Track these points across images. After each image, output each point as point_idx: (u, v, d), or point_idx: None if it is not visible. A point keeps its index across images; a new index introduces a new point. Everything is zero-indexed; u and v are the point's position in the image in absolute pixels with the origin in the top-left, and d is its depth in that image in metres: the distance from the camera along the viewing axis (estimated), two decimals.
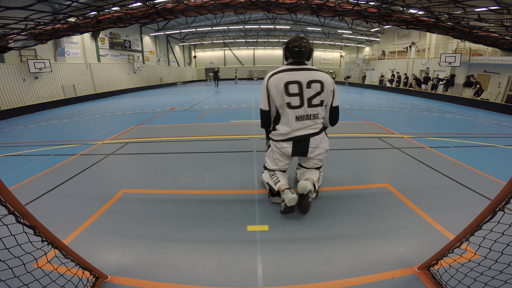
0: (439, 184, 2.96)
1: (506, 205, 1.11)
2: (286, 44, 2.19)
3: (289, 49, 2.15)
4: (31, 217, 1.12)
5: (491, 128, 6.43)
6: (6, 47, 1.15)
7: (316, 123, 2.24)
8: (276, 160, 2.41)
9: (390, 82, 18.01)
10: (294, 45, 2.12)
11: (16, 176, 3.33)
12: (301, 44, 2.11)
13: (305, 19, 21.00)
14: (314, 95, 2.12)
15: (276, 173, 2.42)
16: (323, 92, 2.13)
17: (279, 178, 2.36)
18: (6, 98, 9.87)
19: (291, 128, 2.20)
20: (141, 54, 20.58)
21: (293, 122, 2.18)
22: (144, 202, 2.63)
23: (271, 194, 2.51)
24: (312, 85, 2.10)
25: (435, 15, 1.11)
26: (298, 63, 2.16)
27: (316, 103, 2.15)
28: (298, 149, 2.29)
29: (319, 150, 2.33)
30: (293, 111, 2.14)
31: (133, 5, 1.17)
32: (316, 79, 2.11)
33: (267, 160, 2.49)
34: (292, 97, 2.11)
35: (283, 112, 2.19)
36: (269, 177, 2.43)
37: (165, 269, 1.71)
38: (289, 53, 2.16)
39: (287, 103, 2.12)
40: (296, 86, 2.09)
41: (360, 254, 1.83)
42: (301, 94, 2.10)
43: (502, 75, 11.02)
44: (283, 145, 2.29)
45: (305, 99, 2.12)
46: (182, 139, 5.06)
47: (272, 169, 2.45)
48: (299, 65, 2.15)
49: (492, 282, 1.31)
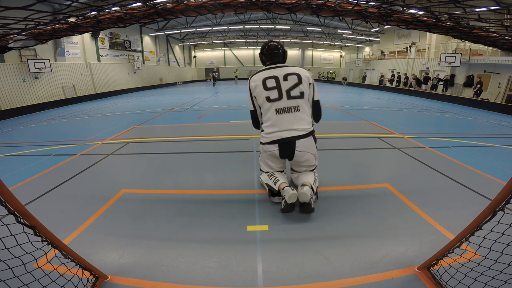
0: (439, 184, 2.96)
1: (506, 205, 1.10)
2: (261, 49, 2.33)
3: (264, 53, 2.30)
4: (31, 217, 1.12)
5: (491, 128, 6.43)
6: (6, 47, 1.15)
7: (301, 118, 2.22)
8: (269, 164, 2.44)
9: (390, 82, 18.02)
10: (268, 49, 2.27)
11: (16, 176, 3.33)
12: (274, 47, 2.27)
13: (305, 19, 21.00)
14: (292, 87, 2.18)
15: (275, 173, 2.43)
16: (301, 83, 2.18)
17: (278, 177, 2.36)
18: (6, 98, 9.87)
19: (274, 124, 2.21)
20: (141, 54, 20.59)
21: (274, 116, 2.20)
22: (144, 202, 2.63)
23: (271, 194, 2.51)
24: (289, 77, 2.17)
25: (435, 15, 1.11)
26: (274, 63, 2.28)
27: (296, 95, 2.18)
28: (285, 152, 2.28)
29: (308, 155, 2.31)
30: (273, 104, 2.19)
31: (133, 5, 1.17)
32: (292, 72, 2.19)
33: (261, 164, 2.53)
34: (270, 91, 2.17)
35: (264, 108, 2.24)
36: (268, 177, 2.44)
37: (165, 269, 1.71)
38: (265, 57, 2.31)
39: (266, 97, 2.18)
40: (273, 80, 2.18)
41: (360, 254, 1.83)
42: (279, 86, 2.17)
43: (502, 75, 11.02)
44: (269, 148, 2.30)
45: (283, 91, 2.17)
46: (182, 139, 5.06)
47: (268, 171, 2.48)
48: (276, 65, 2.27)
49: (492, 282, 1.31)
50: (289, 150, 2.26)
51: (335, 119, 7.09)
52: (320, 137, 5.05)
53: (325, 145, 4.47)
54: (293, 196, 2.13)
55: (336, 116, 7.63)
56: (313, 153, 2.36)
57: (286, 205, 2.18)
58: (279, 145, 2.24)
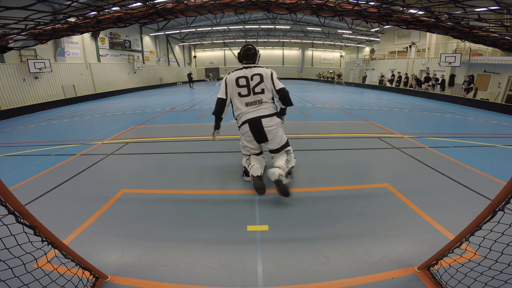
0: (439, 184, 2.96)
1: (506, 205, 1.10)
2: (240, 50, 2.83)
3: (240, 53, 2.82)
4: (31, 217, 1.12)
5: (491, 128, 6.43)
6: (6, 47, 1.15)
7: (265, 107, 2.72)
8: (246, 147, 2.89)
9: (390, 82, 18.01)
10: (243, 50, 2.79)
11: (16, 176, 3.33)
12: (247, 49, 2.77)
13: (305, 19, 21.00)
14: (256, 85, 2.67)
15: (250, 157, 2.90)
16: (262, 82, 2.67)
17: (251, 160, 2.86)
18: (6, 98, 9.86)
19: (243, 112, 2.73)
20: (141, 54, 20.58)
21: (244, 107, 2.73)
22: (144, 202, 2.63)
23: (245, 174, 3.05)
24: (254, 77, 2.67)
25: (435, 15, 1.11)
26: (248, 63, 2.75)
27: (258, 91, 2.69)
28: (256, 131, 2.72)
29: (272, 128, 2.73)
30: (243, 99, 2.71)
31: (133, 5, 1.17)
32: (256, 73, 2.68)
33: (242, 148, 2.98)
34: (241, 88, 2.69)
35: (236, 101, 2.74)
36: (245, 161, 2.94)
37: (165, 269, 1.71)
38: (241, 56, 2.81)
39: (238, 92, 2.70)
40: (244, 79, 2.68)
41: (360, 254, 1.83)
42: (248, 85, 2.68)
43: (502, 75, 11.01)
44: (244, 129, 2.76)
45: (251, 88, 2.68)
46: (182, 139, 5.06)
47: (247, 154, 2.93)
48: (248, 65, 2.73)
49: (492, 282, 1.31)
50: (258, 128, 2.70)
51: (335, 119, 7.09)
52: (320, 137, 5.09)
53: (325, 145, 4.48)
54: (255, 169, 2.66)
55: (336, 116, 7.63)
56: (278, 132, 2.77)
57: (253, 179, 2.66)
58: (249, 123, 2.70)
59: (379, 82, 19.04)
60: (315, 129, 5.65)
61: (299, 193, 2.73)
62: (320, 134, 5.27)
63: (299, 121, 6.59)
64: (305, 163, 3.57)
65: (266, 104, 2.74)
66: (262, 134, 2.73)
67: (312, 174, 3.22)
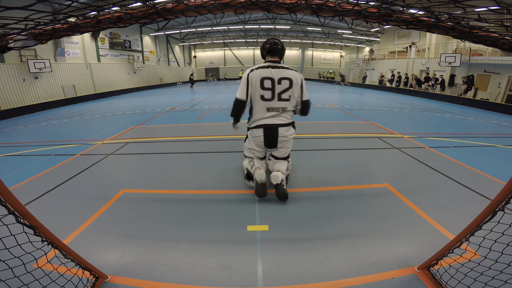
0: (439, 184, 2.96)
1: (506, 205, 1.10)
2: (263, 44, 2.56)
3: (265, 48, 2.52)
4: (31, 217, 1.12)
5: (491, 128, 6.43)
6: (6, 47, 1.15)
7: (285, 116, 2.52)
8: (252, 150, 2.72)
9: (390, 82, 18.01)
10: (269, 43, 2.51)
11: (16, 176, 3.33)
12: (274, 42, 2.51)
13: (305, 19, 21.00)
14: (283, 91, 2.43)
15: (254, 160, 2.75)
16: (291, 88, 2.44)
17: (255, 163, 2.70)
18: (6, 98, 9.86)
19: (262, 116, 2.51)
20: (141, 54, 20.58)
21: (265, 113, 2.49)
22: (144, 202, 2.63)
23: (247, 178, 2.87)
24: (282, 81, 2.41)
25: (435, 15, 1.11)
26: (273, 61, 2.49)
27: (285, 98, 2.45)
28: (269, 138, 2.56)
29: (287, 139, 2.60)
30: (265, 103, 2.45)
31: (133, 5, 1.17)
32: (286, 76, 2.42)
33: (244, 150, 2.86)
34: (266, 91, 2.42)
35: (257, 103, 2.49)
36: (248, 163, 2.80)
37: (165, 269, 1.71)
38: (265, 51, 2.53)
39: (261, 95, 2.43)
40: (270, 81, 2.40)
41: (360, 254, 1.83)
42: (273, 89, 2.42)
43: (502, 75, 11.01)
44: (256, 133, 2.57)
45: (276, 93, 2.43)
46: (182, 139, 5.06)
47: (250, 156, 2.78)
48: (274, 63, 2.47)
49: (492, 282, 1.31)
50: (273, 136, 2.54)
51: (335, 119, 7.09)
52: (320, 137, 5.08)
53: (325, 145, 4.48)
54: (261, 174, 2.50)
55: (336, 116, 7.63)
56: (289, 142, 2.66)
57: (257, 185, 2.53)
58: (264, 129, 2.52)
59: (379, 82, 19.04)
60: (315, 129, 5.64)
61: (299, 193, 2.73)
62: (320, 134, 5.27)
63: (299, 121, 6.58)
64: (305, 163, 3.57)
65: (287, 113, 2.53)
66: (274, 141, 2.57)
67: (312, 174, 3.22)
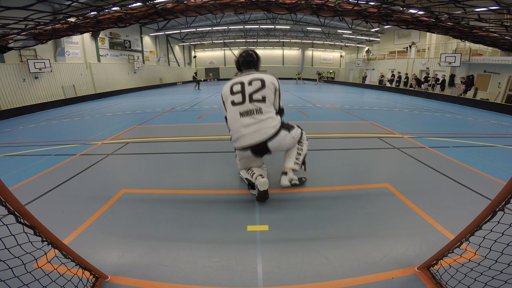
0: (439, 184, 2.96)
1: (506, 205, 1.10)
2: (238, 56, 2.46)
3: (239, 61, 2.44)
4: (31, 217, 1.12)
5: (491, 128, 6.43)
6: (6, 47, 1.15)
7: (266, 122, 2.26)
8: (247, 164, 2.59)
9: (390, 82, 18.01)
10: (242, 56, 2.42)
11: (16, 176, 3.33)
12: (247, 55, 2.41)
13: (305, 19, 21.00)
14: (254, 91, 2.25)
15: (252, 168, 2.58)
16: (264, 88, 2.25)
17: (255, 170, 2.53)
18: (6, 98, 9.87)
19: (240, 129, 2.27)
20: (141, 54, 20.58)
21: (238, 118, 2.27)
22: (144, 202, 2.63)
23: (250, 188, 2.65)
24: (253, 82, 2.27)
25: (435, 15, 1.11)
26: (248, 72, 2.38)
27: (257, 98, 2.25)
28: (260, 153, 2.38)
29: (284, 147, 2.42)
30: (236, 108, 2.28)
31: (133, 5, 1.17)
32: (257, 77, 2.28)
33: (238, 165, 2.69)
34: (236, 95, 2.28)
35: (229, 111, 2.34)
36: (246, 173, 2.62)
37: (165, 269, 1.71)
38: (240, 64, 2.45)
39: (231, 101, 2.30)
40: (239, 85, 2.29)
41: (360, 254, 1.83)
42: (243, 91, 2.27)
43: (502, 75, 11.01)
44: (244, 154, 2.42)
45: (247, 95, 2.26)
46: (182, 139, 5.06)
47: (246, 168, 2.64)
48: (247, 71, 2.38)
49: (492, 282, 1.31)
50: (263, 151, 2.36)
51: (335, 119, 7.09)
52: (320, 137, 5.08)
53: (325, 145, 4.47)
54: (264, 184, 2.31)
55: (336, 116, 7.63)
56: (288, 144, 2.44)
57: (259, 193, 2.37)
58: (252, 150, 2.34)
59: (379, 82, 19.04)
60: (315, 129, 5.64)
61: (299, 193, 2.73)
62: (320, 134, 5.27)
63: (299, 121, 6.58)
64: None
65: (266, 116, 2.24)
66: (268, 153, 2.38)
67: (312, 174, 3.22)
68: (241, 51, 2.49)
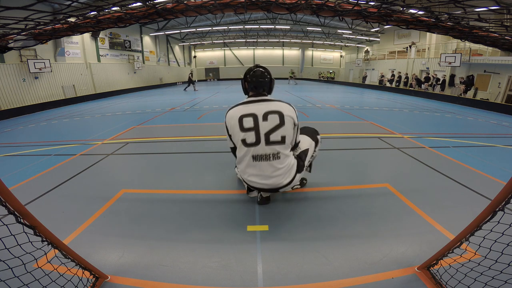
0: (439, 184, 2.96)
1: (506, 205, 1.10)
2: (244, 75, 1.99)
3: (247, 80, 1.96)
4: (31, 217, 1.12)
5: (491, 128, 6.43)
6: (6, 47, 1.15)
7: (281, 167, 1.91)
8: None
9: (390, 82, 18.02)
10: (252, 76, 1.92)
11: (16, 176, 3.33)
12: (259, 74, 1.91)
13: (305, 19, 21.01)
14: (272, 129, 1.85)
15: None
16: (283, 125, 1.85)
17: None
18: (6, 98, 9.87)
19: (251, 171, 1.96)
20: (141, 54, 20.58)
21: (251, 162, 1.90)
22: (144, 202, 2.63)
23: (248, 191, 2.47)
24: (269, 116, 1.84)
25: (435, 15, 1.11)
26: (258, 95, 1.94)
27: (276, 140, 1.85)
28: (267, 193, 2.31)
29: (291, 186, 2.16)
30: (249, 150, 1.88)
31: (133, 5, 1.17)
32: (274, 109, 1.85)
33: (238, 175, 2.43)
34: (247, 132, 1.85)
35: (240, 151, 1.94)
36: None
37: (165, 269, 1.71)
38: (248, 85, 1.97)
39: (242, 140, 1.87)
40: (251, 119, 1.84)
41: (360, 254, 1.83)
42: (257, 128, 1.84)
43: (502, 75, 11.02)
44: (252, 194, 2.41)
45: (262, 134, 1.84)
46: (182, 139, 5.06)
47: None
48: (258, 97, 1.93)
49: (492, 282, 1.31)
50: (271, 191, 2.15)
51: (335, 119, 7.09)
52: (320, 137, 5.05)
53: (325, 145, 4.47)
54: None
55: (336, 116, 7.63)
56: (298, 179, 2.16)
57: (261, 198, 2.39)
58: (262, 192, 2.22)
59: (379, 82, 19.04)
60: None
61: (299, 193, 2.73)
62: (320, 134, 5.26)
63: (299, 121, 6.58)
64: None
65: (285, 163, 1.90)
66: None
67: (312, 174, 3.21)
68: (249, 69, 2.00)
